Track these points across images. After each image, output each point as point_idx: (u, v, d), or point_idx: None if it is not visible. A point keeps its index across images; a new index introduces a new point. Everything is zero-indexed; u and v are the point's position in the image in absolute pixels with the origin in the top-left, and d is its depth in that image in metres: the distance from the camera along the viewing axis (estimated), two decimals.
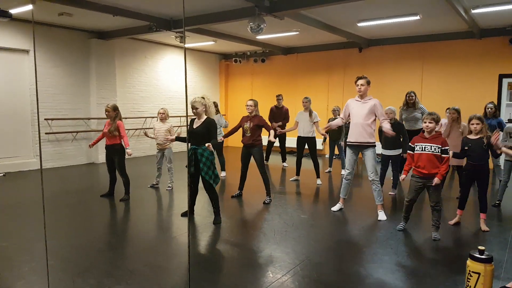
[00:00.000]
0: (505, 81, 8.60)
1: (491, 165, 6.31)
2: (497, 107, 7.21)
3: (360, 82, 4.88)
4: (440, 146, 4.07)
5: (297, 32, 8.98)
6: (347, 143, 5.06)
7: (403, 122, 6.73)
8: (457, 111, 5.66)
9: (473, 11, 6.87)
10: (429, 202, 4.29)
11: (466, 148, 4.43)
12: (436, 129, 4.23)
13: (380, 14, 7.38)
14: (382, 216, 4.88)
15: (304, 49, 11.22)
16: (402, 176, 4.33)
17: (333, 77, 10.83)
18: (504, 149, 4.19)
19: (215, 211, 4.75)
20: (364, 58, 10.26)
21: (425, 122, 4.18)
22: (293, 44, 11.00)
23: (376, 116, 4.88)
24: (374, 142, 4.89)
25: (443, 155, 4.07)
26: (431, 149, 4.09)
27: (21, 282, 3.15)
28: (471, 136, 4.44)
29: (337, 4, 6.15)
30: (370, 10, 7.07)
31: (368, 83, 4.89)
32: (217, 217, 4.73)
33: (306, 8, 6.61)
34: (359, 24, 8.00)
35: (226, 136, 5.88)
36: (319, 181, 7.00)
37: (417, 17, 7.26)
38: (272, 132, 5.48)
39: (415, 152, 4.21)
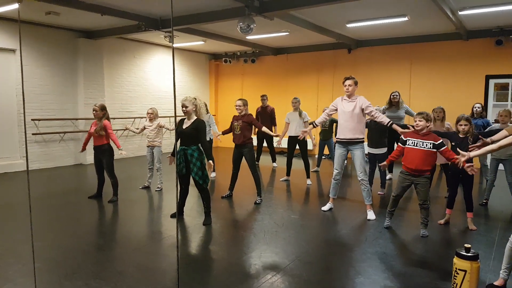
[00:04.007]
0: (492, 82, 8.74)
1: (477, 165, 6.37)
2: (484, 107, 7.33)
3: (347, 82, 4.92)
4: (433, 142, 4.12)
5: (287, 33, 9.00)
6: (337, 139, 5.11)
7: None
8: (444, 111, 5.77)
9: (460, 13, 6.97)
10: (416, 200, 4.34)
11: (453, 143, 4.50)
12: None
13: (369, 15, 7.43)
14: (371, 215, 4.92)
15: (294, 49, 11.25)
16: (384, 164, 4.57)
17: (322, 78, 10.88)
18: (473, 154, 3.46)
19: (206, 211, 4.72)
20: (353, 59, 10.33)
21: (415, 121, 4.22)
22: (283, 44, 11.02)
23: (364, 113, 4.89)
24: (363, 138, 4.95)
25: (439, 150, 4.11)
26: (423, 145, 4.14)
27: (8, 285, 3.09)
28: (459, 135, 4.51)
29: (326, 5, 6.17)
30: (359, 11, 7.12)
31: (356, 83, 4.93)
32: (208, 218, 4.71)
33: (296, 9, 6.62)
34: (348, 25, 8.05)
35: (224, 133, 6.05)
36: (309, 181, 7.01)
37: (406, 18, 7.33)
38: (278, 137, 6.15)
39: (406, 146, 4.26)
